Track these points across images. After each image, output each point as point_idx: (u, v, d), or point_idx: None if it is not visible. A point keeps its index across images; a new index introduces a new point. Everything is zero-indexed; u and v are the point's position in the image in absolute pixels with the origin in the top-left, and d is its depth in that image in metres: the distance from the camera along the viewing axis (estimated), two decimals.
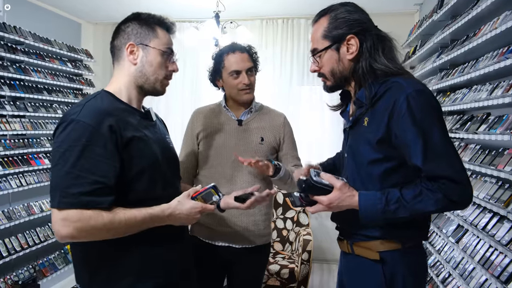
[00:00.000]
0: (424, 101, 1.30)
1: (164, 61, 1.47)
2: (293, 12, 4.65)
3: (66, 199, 1.22)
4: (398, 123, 1.29)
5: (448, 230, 2.59)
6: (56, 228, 1.24)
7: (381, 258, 1.39)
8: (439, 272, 2.73)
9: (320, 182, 1.34)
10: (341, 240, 1.56)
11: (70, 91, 4.54)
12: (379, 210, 1.30)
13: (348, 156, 1.51)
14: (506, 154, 2.08)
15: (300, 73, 4.72)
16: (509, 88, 2.05)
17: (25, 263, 3.80)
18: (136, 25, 1.46)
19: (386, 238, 1.39)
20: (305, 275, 3.60)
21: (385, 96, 1.34)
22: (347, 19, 1.41)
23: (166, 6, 4.44)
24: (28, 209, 3.80)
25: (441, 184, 1.26)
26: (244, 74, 2.05)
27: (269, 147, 2.13)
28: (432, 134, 1.27)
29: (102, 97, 1.41)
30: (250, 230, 2.08)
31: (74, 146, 1.24)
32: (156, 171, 1.41)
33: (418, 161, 1.27)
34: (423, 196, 1.27)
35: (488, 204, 2.10)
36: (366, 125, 1.39)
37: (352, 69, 1.43)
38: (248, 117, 2.15)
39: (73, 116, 1.29)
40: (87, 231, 1.24)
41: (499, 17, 2.17)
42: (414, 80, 1.39)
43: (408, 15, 4.59)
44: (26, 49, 3.92)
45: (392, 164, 1.37)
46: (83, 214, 1.23)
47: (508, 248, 1.87)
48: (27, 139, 3.85)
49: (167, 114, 4.90)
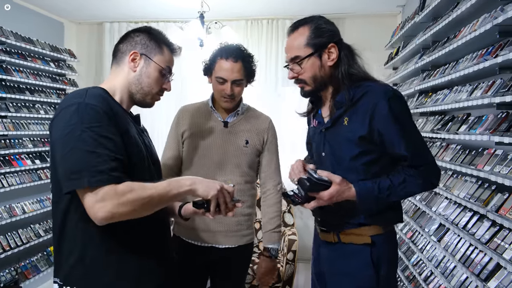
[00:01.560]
0: (402, 103, 1.56)
1: (161, 77, 1.51)
2: (278, 12, 4.66)
3: (98, 177, 1.19)
4: (381, 123, 1.51)
5: (430, 229, 2.63)
6: (92, 211, 1.21)
7: (372, 241, 1.58)
8: (422, 270, 2.76)
9: (321, 179, 1.46)
10: (325, 231, 1.69)
11: (53, 91, 4.48)
12: (373, 197, 1.51)
13: (326, 154, 1.67)
14: (486, 154, 2.11)
15: (285, 74, 4.62)
16: (488, 89, 2.08)
17: (6, 265, 3.75)
18: (145, 37, 1.50)
19: (375, 223, 1.59)
20: (290, 275, 3.61)
21: (364, 99, 1.54)
22: (327, 29, 1.60)
23: (151, 6, 4.41)
24: (10, 211, 3.75)
25: (421, 170, 1.52)
26: (228, 84, 2.02)
27: (254, 150, 2.13)
28: (410, 130, 1.55)
29: (98, 88, 1.41)
30: (233, 230, 2.08)
31: (90, 127, 1.23)
32: (145, 170, 1.41)
33: (404, 152, 1.51)
34: (407, 183, 1.51)
35: (468, 203, 2.14)
36: (347, 124, 1.58)
37: (331, 75, 1.61)
38: (234, 119, 2.14)
39: (79, 100, 1.27)
40: (125, 206, 1.21)
41: (478, 20, 2.21)
42: (385, 84, 1.60)
43: (391, 16, 4.64)
44: (8, 48, 3.86)
45: (371, 157, 1.57)
46: (117, 189, 1.21)
47: (488, 247, 1.90)
48: (9, 140, 3.80)
49: (151, 115, 4.83)
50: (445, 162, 2.47)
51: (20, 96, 3.90)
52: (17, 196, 3.93)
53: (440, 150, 2.70)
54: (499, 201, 1.92)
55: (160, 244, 1.49)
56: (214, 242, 2.08)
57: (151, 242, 1.44)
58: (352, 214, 1.58)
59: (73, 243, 1.34)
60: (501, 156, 1.97)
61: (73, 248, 1.33)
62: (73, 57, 4.81)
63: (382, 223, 1.60)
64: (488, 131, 2.00)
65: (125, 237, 1.35)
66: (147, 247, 1.42)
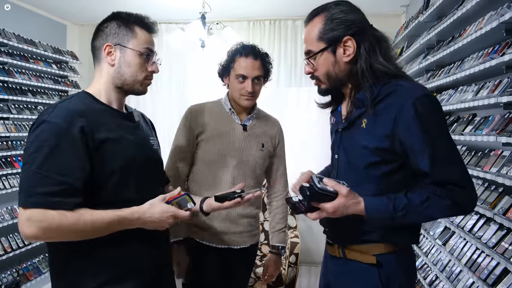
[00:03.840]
0: (431, 106, 1.28)
1: (143, 62, 1.44)
2: (280, 13, 4.62)
3: (32, 199, 1.22)
4: (404, 130, 1.27)
5: (435, 232, 2.58)
6: (21, 227, 1.23)
7: (378, 261, 1.37)
8: (427, 274, 2.71)
9: (324, 189, 1.27)
10: (330, 244, 1.53)
11: (55, 93, 4.47)
12: (387, 217, 1.28)
13: (340, 158, 1.47)
14: (492, 155, 2.07)
15: (287, 75, 4.68)
16: (494, 89, 2.04)
17: (8, 267, 3.74)
18: (114, 25, 1.43)
19: (382, 241, 1.38)
20: (292, 278, 3.57)
21: (389, 99, 1.31)
22: (343, 19, 1.35)
23: (152, 7, 4.39)
24: (12, 212, 3.74)
25: (449, 189, 1.25)
26: (249, 81, 2.02)
27: (267, 153, 2.15)
28: (439, 140, 1.26)
29: (78, 98, 1.39)
30: (247, 231, 2.12)
31: (43, 147, 1.24)
32: (129, 173, 1.38)
33: (426, 167, 1.26)
34: (431, 202, 1.25)
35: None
36: (365, 127, 1.35)
37: (349, 72, 1.38)
38: (251, 123, 2.13)
39: (44, 117, 1.28)
40: (51, 231, 1.23)
41: (484, 17, 2.17)
42: (418, 84, 1.36)
43: (395, 16, 4.60)
44: (10, 50, 3.86)
45: (390, 167, 1.34)
46: (46, 214, 1.22)
47: (495, 251, 1.85)
48: (11, 141, 3.81)
49: (154, 115, 4.82)
50: None
51: (22, 98, 3.90)
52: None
53: None
54: (507, 204, 1.88)
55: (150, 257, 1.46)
56: (230, 243, 2.08)
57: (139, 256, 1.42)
58: (356, 228, 1.37)
59: (56, 255, 1.37)
60: (509, 157, 1.92)
61: (56, 259, 1.37)
62: (75, 58, 4.81)
63: (392, 242, 1.38)
64: (495, 132, 1.95)
65: (111, 249, 1.35)
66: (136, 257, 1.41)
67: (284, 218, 2.27)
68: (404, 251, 1.42)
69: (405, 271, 1.41)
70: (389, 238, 1.37)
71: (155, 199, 1.37)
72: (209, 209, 1.71)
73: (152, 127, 1.69)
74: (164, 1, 4.23)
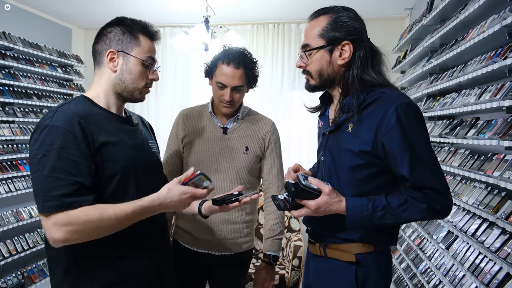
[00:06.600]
0: (412, 113, 1.33)
1: (144, 70, 1.45)
2: (284, 16, 4.64)
3: (50, 203, 1.22)
4: (386, 135, 1.32)
5: (439, 236, 2.57)
6: (49, 234, 1.23)
7: (357, 260, 1.42)
8: (430, 278, 2.70)
9: (309, 187, 1.34)
10: (312, 243, 1.57)
11: (60, 96, 4.51)
12: (365, 216, 1.33)
13: (326, 160, 1.52)
14: (495, 159, 2.06)
15: (291, 78, 4.71)
16: (497, 92, 2.03)
17: (13, 269, 3.78)
18: (118, 31, 1.43)
19: (363, 241, 1.43)
20: (295, 281, 3.56)
21: (373, 106, 1.37)
22: (347, 24, 1.42)
23: (156, 11, 4.42)
24: (17, 215, 3.77)
25: (425, 194, 1.31)
26: (228, 90, 1.96)
27: (254, 156, 2.07)
28: (419, 146, 1.32)
29: (78, 102, 1.40)
30: (229, 238, 2.04)
31: (50, 150, 1.24)
32: (130, 176, 1.39)
33: (405, 171, 1.31)
34: (409, 205, 1.32)
35: (477, 210, 2.08)
36: (350, 131, 1.41)
37: (341, 75, 1.44)
38: (233, 125, 2.08)
39: (46, 122, 1.28)
40: (79, 232, 1.23)
41: (486, 21, 2.16)
42: (401, 93, 1.41)
43: (399, 19, 4.59)
44: (16, 54, 3.90)
45: (373, 170, 1.40)
46: (70, 215, 1.22)
47: (498, 255, 1.84)
48: (16, 145, 3.84)
49: (158, 118, 4.87)
50: (454, 168, 2.41)
51: (27, 102, 3.93)
52: (24, 200, 3.95)
53: (448, 155, 2.64)
54: (509, 208, 1.87)
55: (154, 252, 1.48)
56: (210, 249, 2.05)
57: (143, 252, 1.43)
58: (338, 228, 1.42)
59: (58, 257, 1.36)
60: (511, 161, 1.91)
61: (58, 261, 1.37)
62: (80, 62, 4.84)
63: (372, 242, 1.43)
64: (498, 136, 1.94)
65: (115, 247, 1.35)
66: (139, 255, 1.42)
67: (277, 224, 2.10)
68: (383, 252, 1.47)
69: (382, 271, 1.46)
70: (369, 239, 1.43)
71: (171, 183, 1.37)
72: (207, 212, 1.70)
73: (151, 130, 1.69)
74: (168, 5, 4.25)
